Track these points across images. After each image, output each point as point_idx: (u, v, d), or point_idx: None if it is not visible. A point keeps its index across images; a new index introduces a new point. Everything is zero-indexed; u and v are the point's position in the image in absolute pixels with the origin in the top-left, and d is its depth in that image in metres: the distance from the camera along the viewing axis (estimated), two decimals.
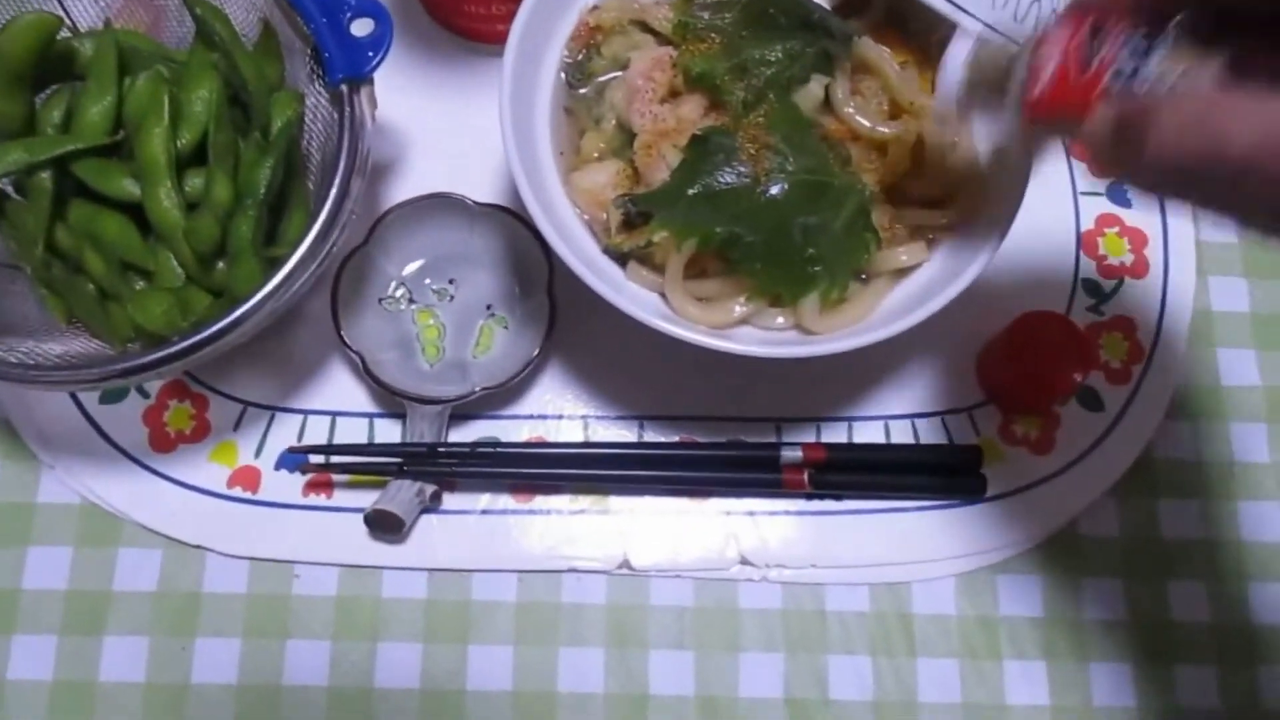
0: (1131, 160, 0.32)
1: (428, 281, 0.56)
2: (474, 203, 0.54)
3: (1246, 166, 0.28)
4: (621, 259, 0.49)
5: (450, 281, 0.56)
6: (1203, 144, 0.29)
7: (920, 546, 0.54)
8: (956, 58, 0.42)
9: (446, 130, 0.60)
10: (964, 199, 0.50)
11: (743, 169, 0.46)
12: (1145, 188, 0.34)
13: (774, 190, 0.46)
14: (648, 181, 0.48)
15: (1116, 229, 0.61)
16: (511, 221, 0.54)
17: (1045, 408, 0.56)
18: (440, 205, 0.55)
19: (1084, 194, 0.61)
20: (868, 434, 0.56)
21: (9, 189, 0.51)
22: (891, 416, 0.56)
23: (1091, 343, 0.57)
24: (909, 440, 0.56)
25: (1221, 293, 0.60)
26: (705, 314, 0.47)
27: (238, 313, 0.45)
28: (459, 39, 0.61)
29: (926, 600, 0.53)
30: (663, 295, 0.48)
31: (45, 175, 0.49)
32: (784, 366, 0.55)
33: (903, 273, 0.49)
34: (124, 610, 0.51)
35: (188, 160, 0.51)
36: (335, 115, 0.50)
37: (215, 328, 0.45)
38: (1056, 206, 0.61)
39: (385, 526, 0.51)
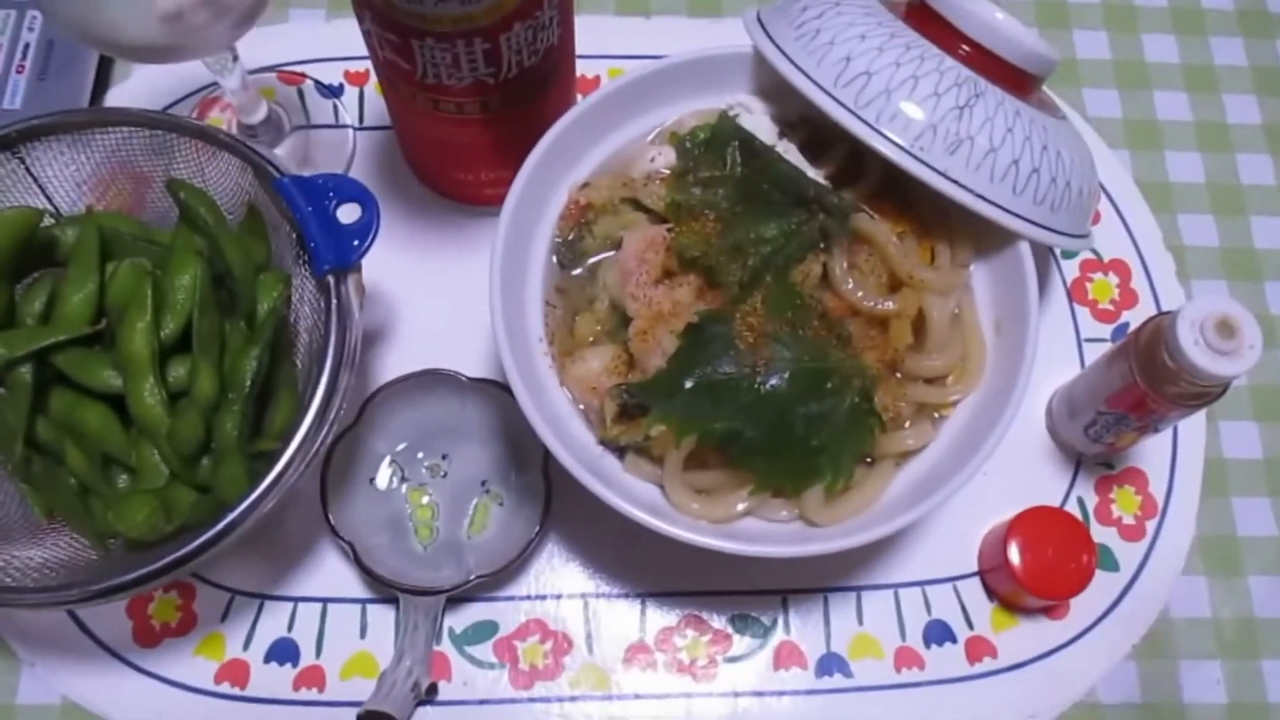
0: None
1: (420, 457, 0.55)
2: (466, 378, 0.53)
3: None
4: (619, 449, 0.47)
5: (443, 457, 0.55)
6: None
7: None
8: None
9: (436, 294, 0.58)
10: (969, 374, 0.48)
11: (741, 358, 0.45)
12: None
13: (774, 381, 0.45)
14: (644, 368, 0.47)
15: None
16: (504, 395, 0.53)
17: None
18: (431, 381, 0.53)
19: (1088, 340, 0.60)
20: (877, 603, 0.54)
21: None
22: (901, 585, 0.54)
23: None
24: (921, 607, 0.54)
25: (1233, 439, 0.59)
26: (707, 509, 0.45)
27: (224, 522, 0.44)
28: (447, 202, 0.60)
29: None
30: (662, 487, 0.47)
31: (25, 369, 0.48)
32: None
33: (909, 453, 0.48)
34: None
35: (171, 347, 0.49)
36: (321, 301, 0.48)
37: (200, 540, 0.43)
38: (1061, 354, 0.60)
39: None
